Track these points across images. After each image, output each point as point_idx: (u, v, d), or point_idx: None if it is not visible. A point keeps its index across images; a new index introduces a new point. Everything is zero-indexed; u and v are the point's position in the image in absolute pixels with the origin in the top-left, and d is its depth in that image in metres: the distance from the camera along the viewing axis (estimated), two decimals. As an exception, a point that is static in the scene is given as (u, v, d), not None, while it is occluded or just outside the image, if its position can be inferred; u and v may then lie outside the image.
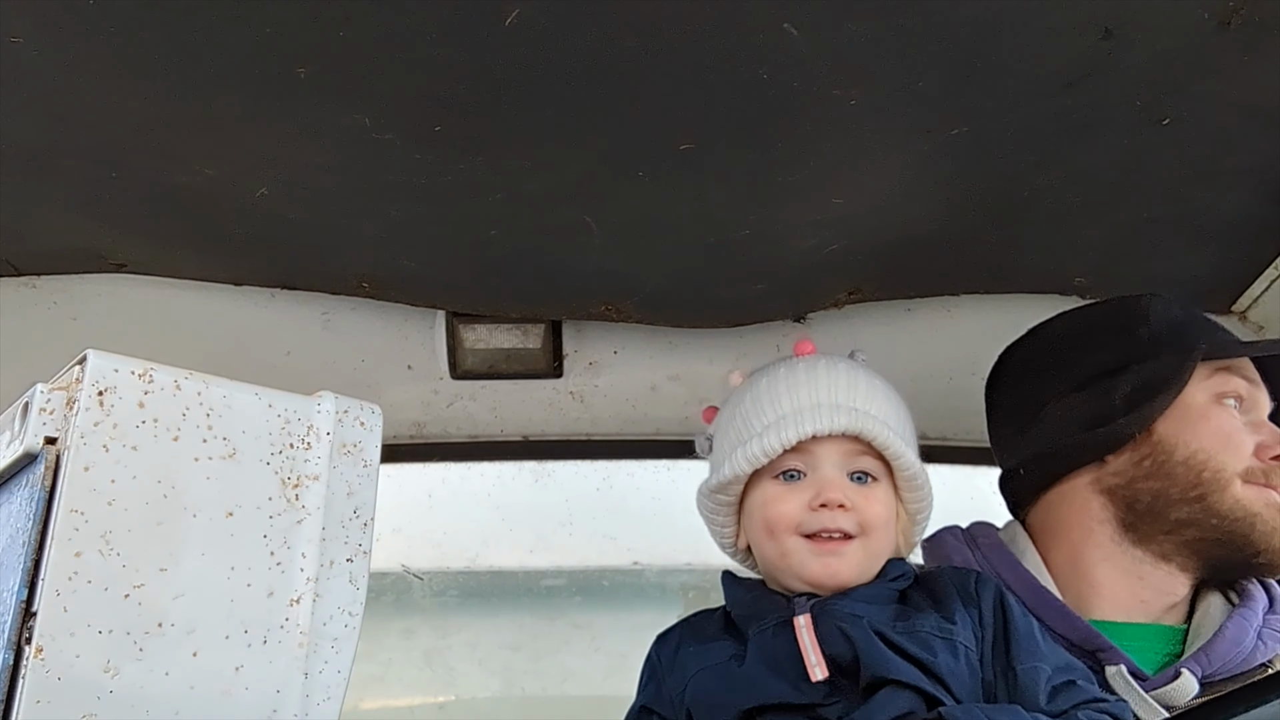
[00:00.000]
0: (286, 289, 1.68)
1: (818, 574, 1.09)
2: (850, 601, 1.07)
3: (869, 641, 1.01)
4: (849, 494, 1.10)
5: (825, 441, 1.12)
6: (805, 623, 1.04)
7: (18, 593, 0.64)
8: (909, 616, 1.06)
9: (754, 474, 1.14)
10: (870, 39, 1.09)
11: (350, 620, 0.76)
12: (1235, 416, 1.28)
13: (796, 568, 1.10)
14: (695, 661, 1.08)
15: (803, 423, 1.11)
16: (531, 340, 1.75)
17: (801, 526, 1.10)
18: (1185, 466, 1.25)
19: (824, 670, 1.00)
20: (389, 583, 2.06)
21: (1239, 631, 1.20)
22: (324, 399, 0.78)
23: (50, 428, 0.67)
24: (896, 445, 1.12)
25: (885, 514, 1.12)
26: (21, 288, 1.63)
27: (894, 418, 1.15)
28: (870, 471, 1.13)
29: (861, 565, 1.10)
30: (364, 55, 1.09)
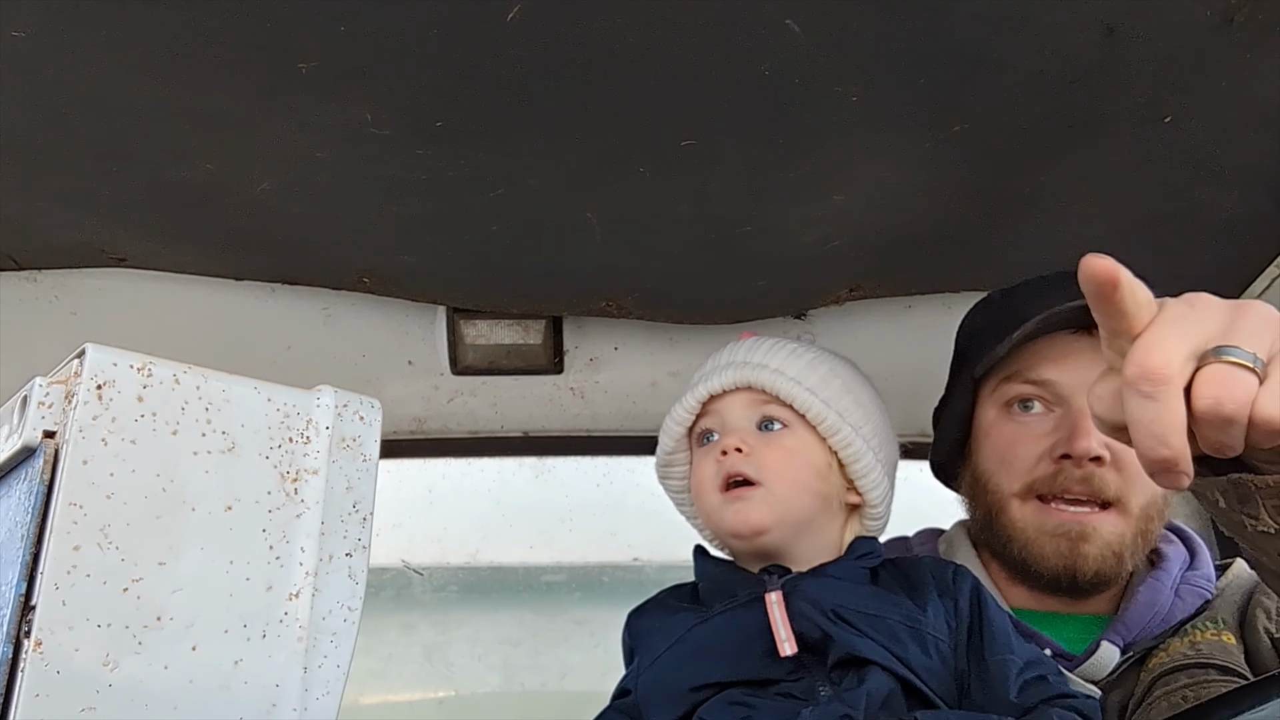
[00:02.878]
0: (287, 284, 1.68)
1: (731, 522, 1.11)
2: (820, 580, 1.08)
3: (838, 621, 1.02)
4: (750, 440, 1.13)
5: (727, 398, 1.15)
6: (777, 599, 1.05)
7: (16, 586, 0.64)
8: (879, 601, 1.06)
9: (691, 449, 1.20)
10: (872, 36, 1.09)
11: (349, 615, 0.76)
12: (1021, 424, 1.23)
13: (717, 522, 1.14)
14: (663, 638, 1.09)
15: (699, 386, 1.16)
16: (532, 336, 1.75)
17: (714, 479, 1.13)
18: (978, 488, 1.26)
19: (793, 646, 1.01)
20: (389, 578, 2.06)
21: (1152, 594, 1.18)
22: (323, 393, 0.78)
23: (49, 421, 0.67)
24: (789, 389, 1.13)
25: (790, 459, 1.12)
26: (22, 282, 1.63)
27: (796, 367, 1.16)
28: (777, 418, 1.14)
29: (773, 510, 1.10)
30: (365, 50, 1.09)
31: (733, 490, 1.12)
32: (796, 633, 1.02)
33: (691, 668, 1.04)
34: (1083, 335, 1.20)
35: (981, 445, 1.27)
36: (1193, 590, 1.20)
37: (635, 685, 1.09)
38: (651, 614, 1.16)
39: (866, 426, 1.17)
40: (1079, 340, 1.21)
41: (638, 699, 1.08)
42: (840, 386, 1.18)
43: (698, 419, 1.18)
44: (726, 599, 1.09)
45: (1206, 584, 1.22)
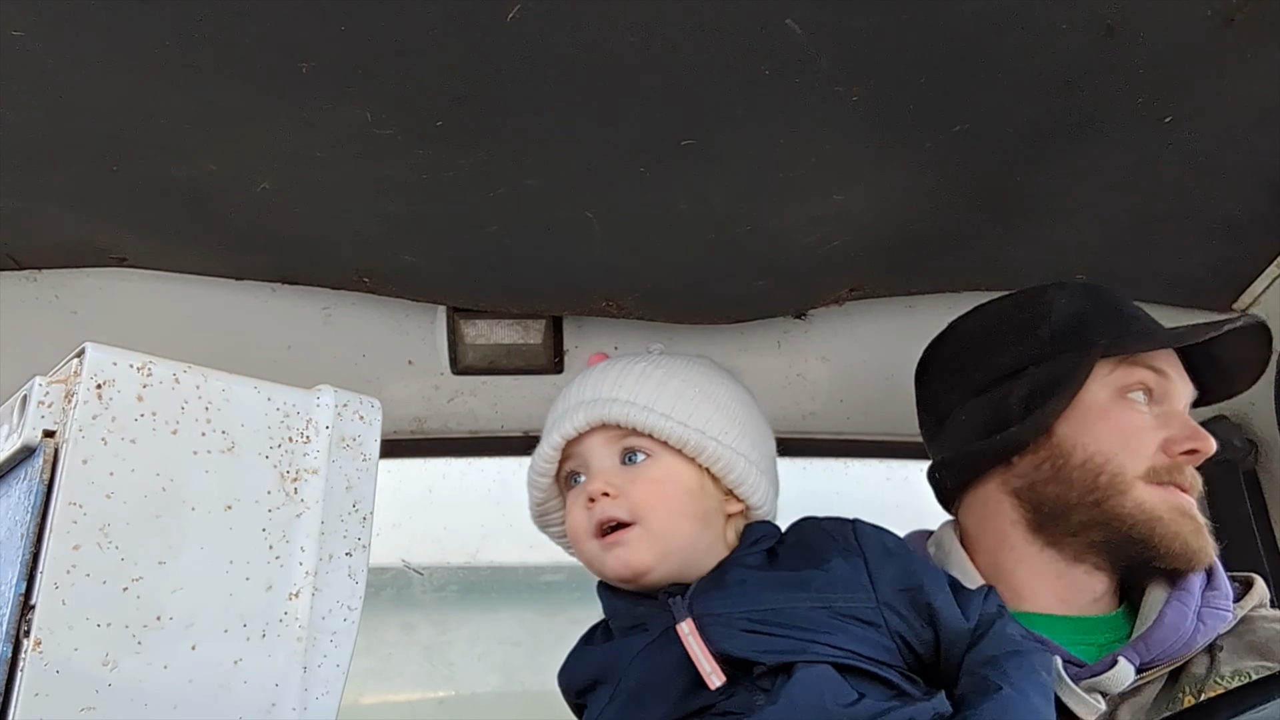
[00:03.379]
0: (287, 283, 1.68)
1: (615, 570, 1.09)
2: (724, 591, 1.05)
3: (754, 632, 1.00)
4: (615, 480, 1.10)
5: (585, 440, 1.13)
6: (689, 629, 1.02)
7: (16, 586, 0.64)
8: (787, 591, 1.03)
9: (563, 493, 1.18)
10: (872, 35, 1.09)
11: (349, 614, 0.76)
12: (1140, 412, 1.25)
13: (600, 569, 1.11)
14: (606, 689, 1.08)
15: (554, 432, 1.13)
16: (532, 336, 1.75)
17: (588, 529, 1.11)
18: (1083, 470, 1.23)
19: (720, 676, 0.99)
20: (389, 577, 2.06)
21: (1178, 617, 1.18)
22: (323, 393, 0.78)
23: (49, 421, 0.67)
24: (643, 418, 1.10)
25: (659, 490, 1.10)
26: (22, 281, 1.62)
27: (645, 391, 1.13)
28: (639, 448, 1.12)
29: (654, 548, 1.08)
30: (365, 50, 1.09)
31: (608, 536, 1.09)
32: (718, 654, 1.00)
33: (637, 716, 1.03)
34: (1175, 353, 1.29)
35: (1095, 426, 1.24)
36: (1214, 614, 1.21)
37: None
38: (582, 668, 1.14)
39: (733, 431, 1.15)
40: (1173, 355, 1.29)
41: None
42: (698, 397, 1.15)
43: (561, 463, 1.15)
44: (638, 637, 1.07)
45: (1226, 605, 1.22)
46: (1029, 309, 1.33)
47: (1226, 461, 1.75)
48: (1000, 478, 1.30)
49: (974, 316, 1.41)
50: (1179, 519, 1.21)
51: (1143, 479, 1.22)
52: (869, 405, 1.83)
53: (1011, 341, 1.31)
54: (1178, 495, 1.22)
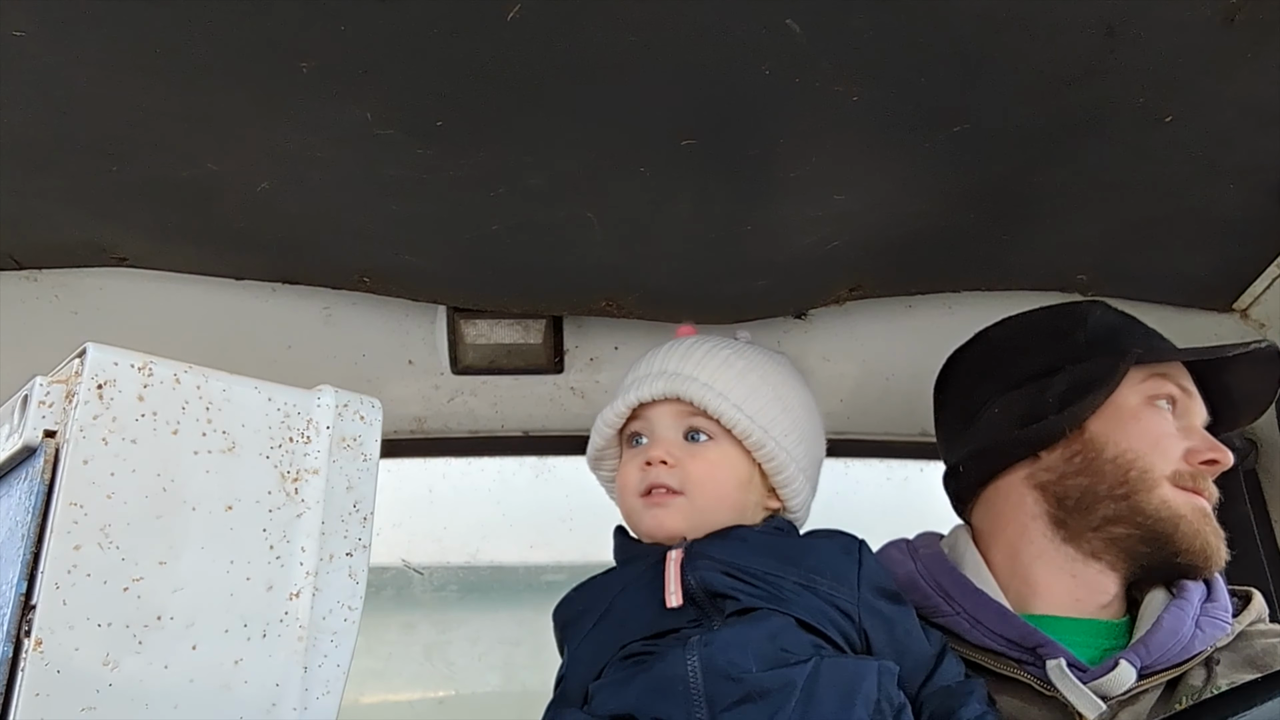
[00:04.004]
0: (287, 283, 1.68)
1: (648, 526, 1.17)
2: (724, 540, 1.14)
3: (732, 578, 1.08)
4: (675, 452, 1.18)
5: (657, 406, 1.20)
6: (675, 556, 1.11)
7: (17, 586, 0.64)
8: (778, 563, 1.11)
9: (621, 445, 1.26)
10: (872, 35, 1.09)
11: (350, 614, 0.76)
12: (1167, 420, 1.30)
13: (635, 523, 1.20)
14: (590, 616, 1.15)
15: (630, 392, 1.21)
16: (532, 336, 1.75)
17: (638, 487, 1.18)
18: (1114, 464, 1.26)
19: (679, 598, 1.07)
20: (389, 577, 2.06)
21: (1176, 622, 1.21)
22: (323, 393, 0.78)
23: (49, 421, 0.67)
24: (716, 404, 1.17)
25: (712, 471, 1.18)
26: (22, 281, 1.63)
27: (724, 380, 1.20)
28: (703, 430, 1.19)
29: (690, 519, 1.15)
30: (366, 50, 1.09)
31: (653, 495, 1.17)
32: (691, 584, 1.08)
33: (613, 636, 1.10)
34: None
35: (1127, 426, 1.28)
36: (1212, 623, 1.23)
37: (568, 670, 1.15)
38: (574, 601, 1.20)
39: (792, 435, 1.22)
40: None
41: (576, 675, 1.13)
42: (769, 396, 1.22)
43: (628, 421, 1.23)
44: (636, 567, 1.15)
45: (1225, 617, 1.25)
46: (1064, 319, 1.39)
47: (1226, 462, 1.76)
48: (1026, 470, 1.32)
49: (1005, 325, 1.45)
50: (1201, 519, 1.25)
51: (1168, 480, 1.26)
52: (869, 405, 1.83)
53: (1048, 346, 1.36)
54: (1199, 498, 1.26)
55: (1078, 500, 1.28)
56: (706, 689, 1.00)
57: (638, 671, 1.05)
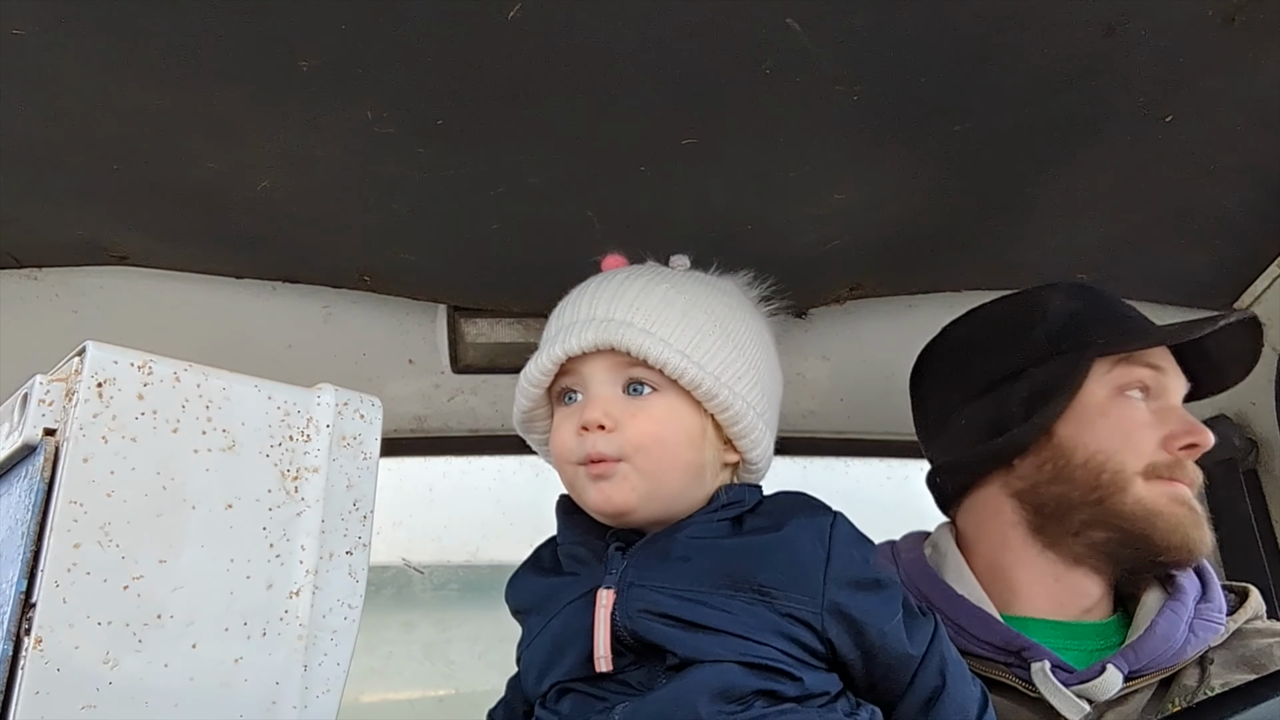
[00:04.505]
0: (288, 282, 1.68)
1: (594, 502, 1.02)
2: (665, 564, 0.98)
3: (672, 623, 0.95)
4: (614, 412, 1.01)
5: (589, 359, 1.03)
6: (606, 601, 0.96)
7: (17, 584, 0.64)
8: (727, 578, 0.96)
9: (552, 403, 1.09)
10: (873, 34, 1.09)
11: (350, 613, 0.76)
12: (1139, 409, 1.26)
13: (581, 496, 1.04)
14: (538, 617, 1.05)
15: (556, 344, 1.03)
16: (533, 335, 1.74)
17: (575, 454, 1.02)
18: (1085, 469, 1.23)
19: (608, 664, 0.95)
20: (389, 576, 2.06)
21: (1170, 627, 1.19)
22: (324, 391, 0.78)
23: (49, 419, 0.67)
24: (657, 351, 1.00)
25: (657, 429, 1.01)
26: (23, 279, 1.63)
27: (666, 322, 1.03)
28: (645, 380, 1.03)
29: (639, 488, 1.00)
30: (366, 49, 1.09)
31: (596, 466, 1.01)
32: (627, 632, 0.95)
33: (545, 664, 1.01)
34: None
35: (1095, 425, 1.24)
36: (1205, 625, 1.21)
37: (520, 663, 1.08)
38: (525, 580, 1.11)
39: (747, 378, 1.06)
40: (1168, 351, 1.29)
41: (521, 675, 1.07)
42: (719, 336, 1.06)
43: (558, 376, 1.06)
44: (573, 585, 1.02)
45: (1218, 617, 1.23)
46: (1023, 311, 1.33)
47: (1227, 461, 1.75)
48: (1001, 480, 1.30)
49: (966, 321, 1.41)
50: (1178, 509, 1.22)
51: (1142, 475, 1.22)
52: (869, 404, 1.83)
53: (1008, 344, 1.31)
54: (1177, 487, 1.23)
55: (1054, 508, 1.25)
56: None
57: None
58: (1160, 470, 1.22)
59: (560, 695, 1.00)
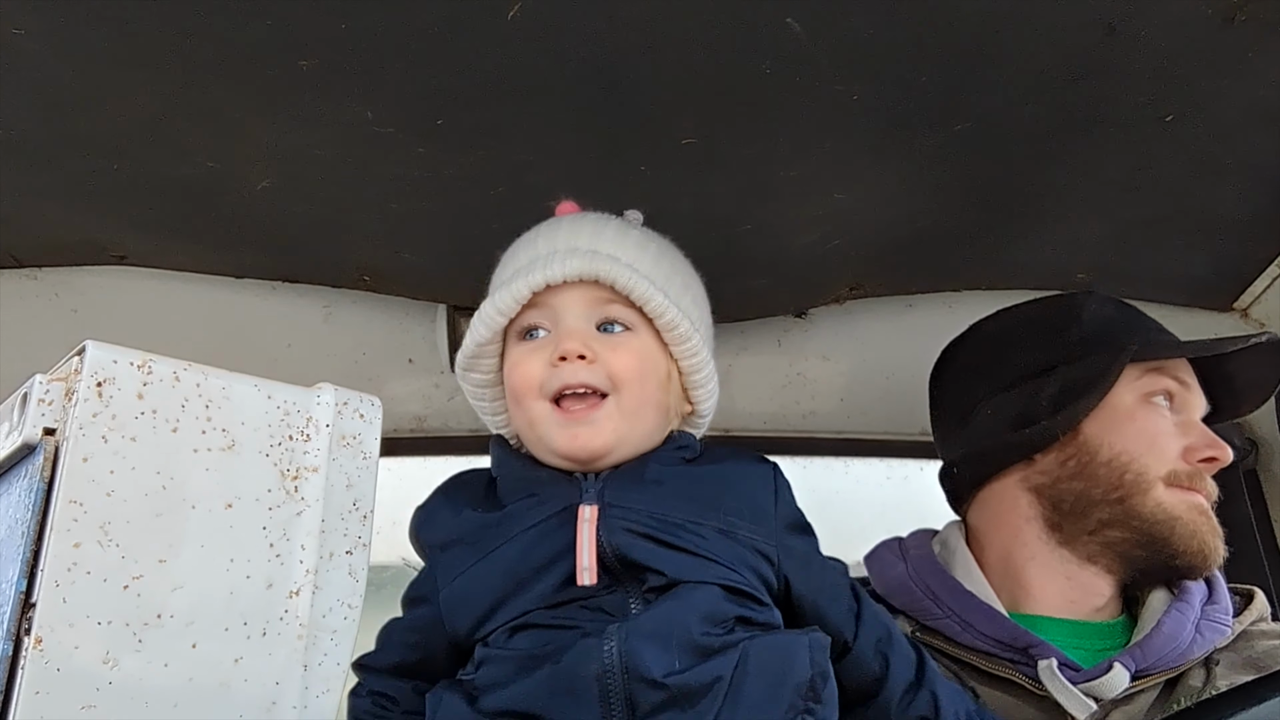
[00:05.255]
0: (287, 281, 1.68)
1: (565, 445, 0.98)
2: (640, 487, 0.97)
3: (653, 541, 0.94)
4: (593, 345, 0.98)
5: (565, 291, 1.00)
6: (590, 515, 0.94)
7: (17, 584, 0.64)
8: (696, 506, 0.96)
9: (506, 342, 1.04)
10: (873, 34, 1.09)
11: (349, 613, 0.76)
12: (1164, 417, 1.28)
13: (545, 438, 0.99)
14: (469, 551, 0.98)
15: (533, 272, 0.99)
16: (532, 334, 1.75)
17: (544, 387, 0.99)
18: (1108, 468, 1.25)
19: (593, 577, 0.91)
20: (389, 575, 2.05)
21: (1176, 627, 1.20)
22: (323, 391, 0.78)
23: (49, 419, 0.67)
24: (642, 288, 0.99)
25: (638, 365, 1.00)
26: (22, 279, 1.63)
27: (647, 263, 1.02)
28: (620, 320, 1.01)
29: (617, 429, 0.98)
30: (366, 49, 1.09)
31: (574, 412, 0.98)
32: (607, 552, 0.92)
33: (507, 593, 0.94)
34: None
35: (1122, 426, 1.26)
36: (1212, 626, 1.22)
37: (437, 597, 0.99)
38: (444, 514, 1.05)
39: (704, 325, 1.06)
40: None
41: (439, 612, 0.98)
42: (681, 281, 1.06)
43: (520, 313, 1.01)
44: (533, 509, 0.97)
45: (1224, 619, 1.24)
46: (1058, 313, 1.35)
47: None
48: (1021, 474, 1.31)
49: (998, 318, 1.42)
50: (1197, 517, 1.23)
51: (1164, 481, 1.24)
52: (869, 404, 1.83)
53: (1041, 342, 1.33)
54: (1196, 496, 1.24)
55: (1073, 504, 1.26)
56: (627, 692, 0.86)
57: (540, 660, 0.89)
58: (1180, 479, 1.24)
59: (513, 633, 0.93)
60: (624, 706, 0.86)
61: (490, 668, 0.92)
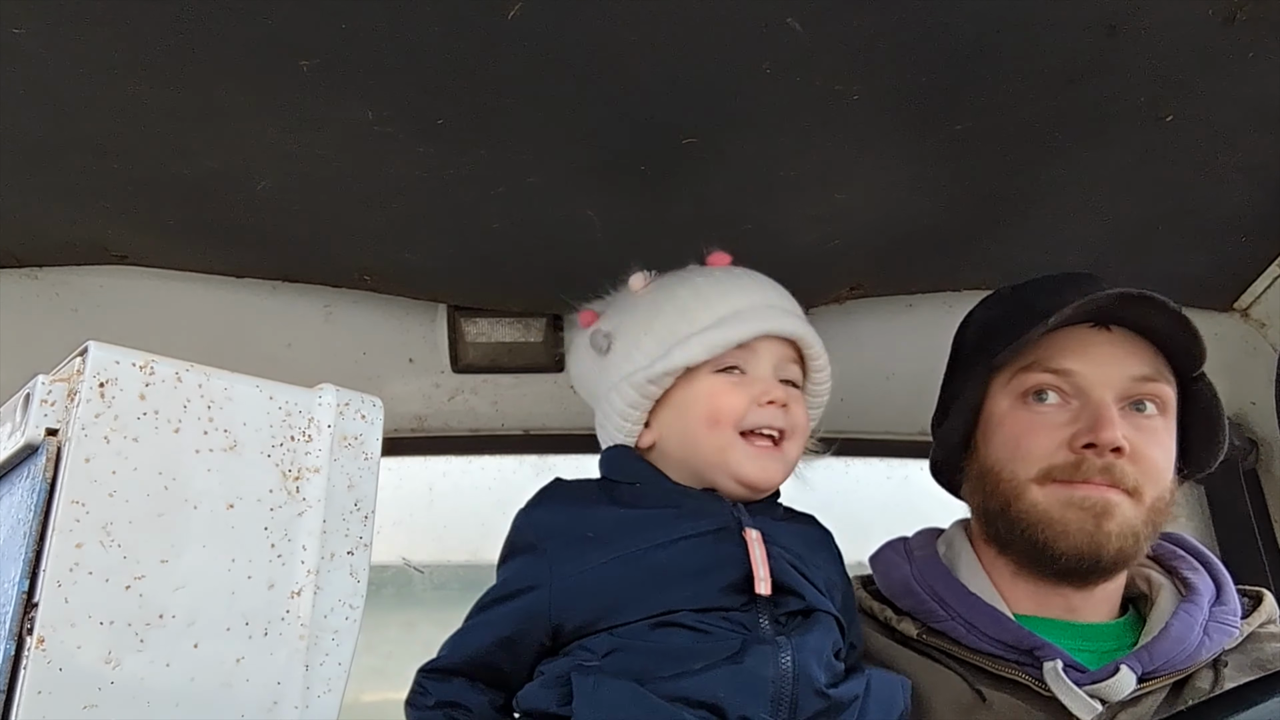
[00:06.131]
0: (288, 281, 1.68)
1: (753, 474, 1.13)
2: (777, 525, 1.14)
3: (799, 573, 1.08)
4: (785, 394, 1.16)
5: (766, 343, 1.16)
6: (757, 538, 1.08)
7: (19, 584, 0.64)
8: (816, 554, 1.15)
9: (688, 370, 1.15)
10: (873, 34, 1.09)
11: (351, 613, 0.76)
12: (1037, 415, 1.23)
13: (733, 465, 1.13)
14: (600, 549, 1.06)
15: (762, 319, 1.16)
16: (533, 334, 1.75)
17: (743, 421, 1.13)
18: (989, 478, 1.25)
19: (769, 587, 1.04)
20: (390, 575, 2.06)
21: (1184, 629, 1.18)
22: (325, 391, 0.78)
23: (51, 419, 0.67)
24: (821, 357, 1.19)
25: (805, 420, 1.19)
26: (23, 279, 1.63)
27: (814, 333, 1.21)
28: (794, 380, 1.19)
29: (788, 469, 1.17)
30: (366, 48, 1.09)
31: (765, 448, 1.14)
32: (772, 570, 1.06)
33: (651, 592, 1.03)
34: (1100, 330, 1.23)
35: (993, 435, 1.26)
36: (1220, 628, 1.20)
37: (550, 586, 1.05)
38: (567, 514, 1.12)
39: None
40: (1097, 334, 1.23)
41: (553, 605, 1.04)
42: None
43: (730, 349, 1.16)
44: (686, 521, 1.09)
45: (1233, 620, 1.22)
46: (961, 324, 1.38)
47: (1227, 461, 1.75)
48: (966, 489, 1.33)
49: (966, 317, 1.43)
50: (1068, 513, 1.18)
51: (1036, 481, 1.21)
52: (869, 404, 1.83)
53: (951, 356, 1.37)
54: (1077, 489, 1.18)
55: (984, 519, 1.28)
56: (794, 696, 0.99)
57: (709, 658, 1.00)
58: (1057, 473, 1.20)
59: (654, 627, 1.02)
60: (789, 709, 0.99)
61: (626, 655, 1.00)
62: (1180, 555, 1.30)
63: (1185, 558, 1.30)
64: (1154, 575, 1.29)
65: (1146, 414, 1.22)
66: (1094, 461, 1.18)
